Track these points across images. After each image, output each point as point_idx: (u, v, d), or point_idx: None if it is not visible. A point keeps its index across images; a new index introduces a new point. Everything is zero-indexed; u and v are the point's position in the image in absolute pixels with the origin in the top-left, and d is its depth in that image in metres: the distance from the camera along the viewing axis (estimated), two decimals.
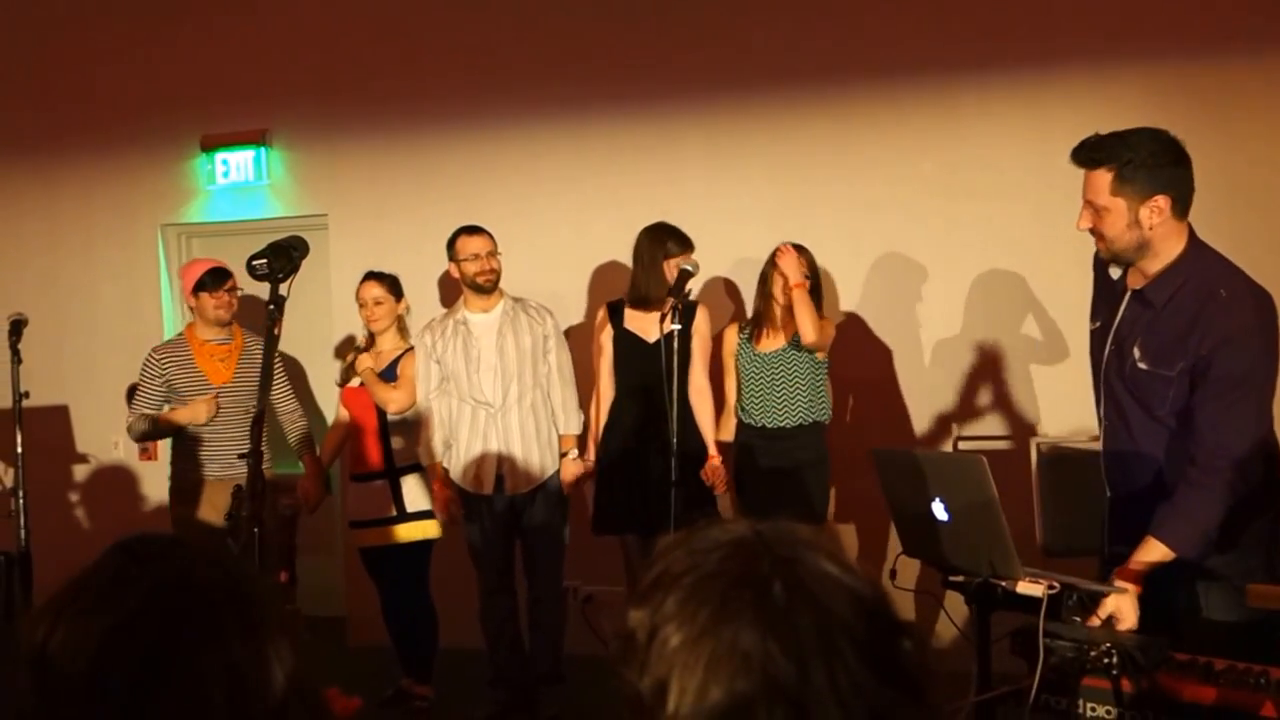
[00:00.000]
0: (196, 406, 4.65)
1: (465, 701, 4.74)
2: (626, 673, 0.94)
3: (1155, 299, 2.65)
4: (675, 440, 3.70)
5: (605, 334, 4.66)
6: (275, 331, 3.21)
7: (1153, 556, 2.51)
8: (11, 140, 6.43)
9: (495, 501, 4.57)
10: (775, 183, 5.33)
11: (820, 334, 4.40)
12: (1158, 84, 4.77)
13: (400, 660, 4.87)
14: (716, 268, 5.27)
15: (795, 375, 4.50)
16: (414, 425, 4.72)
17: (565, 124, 5.60)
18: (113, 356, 6.06)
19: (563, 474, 4.62)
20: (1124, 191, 2.59)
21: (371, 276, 4.80)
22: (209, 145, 6.11)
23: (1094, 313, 2.92)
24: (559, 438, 4.64)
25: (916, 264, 5.19)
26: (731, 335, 4.70)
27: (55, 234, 6.43)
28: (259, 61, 6.04)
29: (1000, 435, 5.07)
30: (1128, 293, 2.74)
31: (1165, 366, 2.62)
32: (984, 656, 2.69)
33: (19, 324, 5.14)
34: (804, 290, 4.39)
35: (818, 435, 4.55)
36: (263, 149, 6.04)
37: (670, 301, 3.83)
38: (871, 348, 5.23)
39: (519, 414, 4.55)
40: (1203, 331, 2.55)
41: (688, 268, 3.96)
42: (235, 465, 4.59)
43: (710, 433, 4.56)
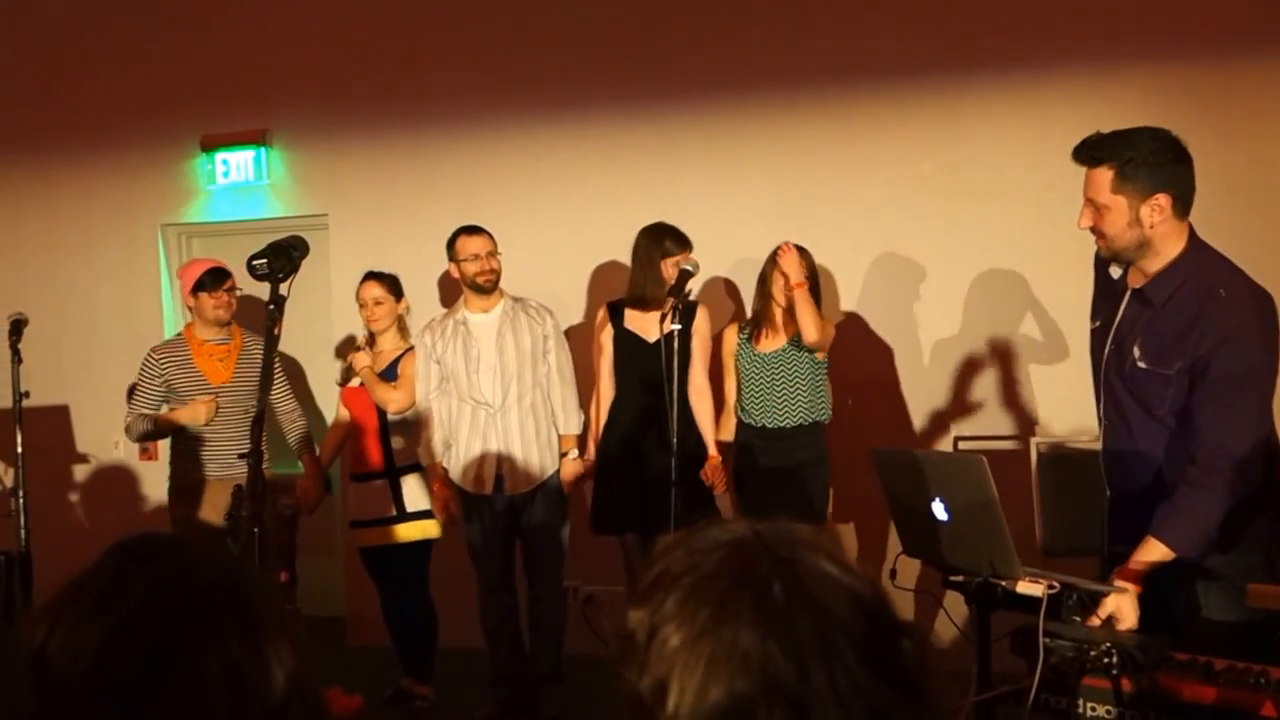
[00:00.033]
0: (196, 407, 4.65)
1: (465, 701, 4.74)
2: (626, 673, 0.94)
3: (1155, 298, 2.65)
4: (675, 440, 3.70)
5: (605, 334, 4.66)
6: (275, 331, 3.21)
7: (1153, 556, 2.51)
8: (11, 140, 6.43)
9: (495, 501, 4.57)
10: (775, 183, 5.33)
11: (822, 334, 4.40)
12: (1158, 84, 4.77)
13: (400, 660, 4.87)
14: (716, 268, 5.27)
15: (795, 375, 4.50)
16: (414, 425, 4.72)
17: (565, 124, 5.60)
18: (113, 356, 6.06)
19: (563, 474, 4.62)
20: (1125, 190, 2.59)
21: (371, 276, 4.80)
22: (209, 145, 6.11)
23: (1094, 312, 2.92)
24: (559, 437, 4.64)
25: (916, 264, 5.19)
26: (731, 335, 4.69)
27: (55, 234, 6.43)
28: (259, 61, 6.04)
29: (1000, 435, 5.07)
30: (1128, 292, 2.74)
31: (1164, 365, 2.61)
32: (984, 656, 2.69)
33: (19, 324, 5.14)
34: (805, 290, 4.39)
35: (818, 435, 4.55)
36: (263, 149, 6.04)
37: (670, 301, 3.82)
38: (871, 347, 5.23)
39: (518, 414, 4.55)
40: (1202, 331, 2.55)
41: (688, 268, 3.94)
42: (235, 465, 4.59)
43: (710, 433, 4.57)
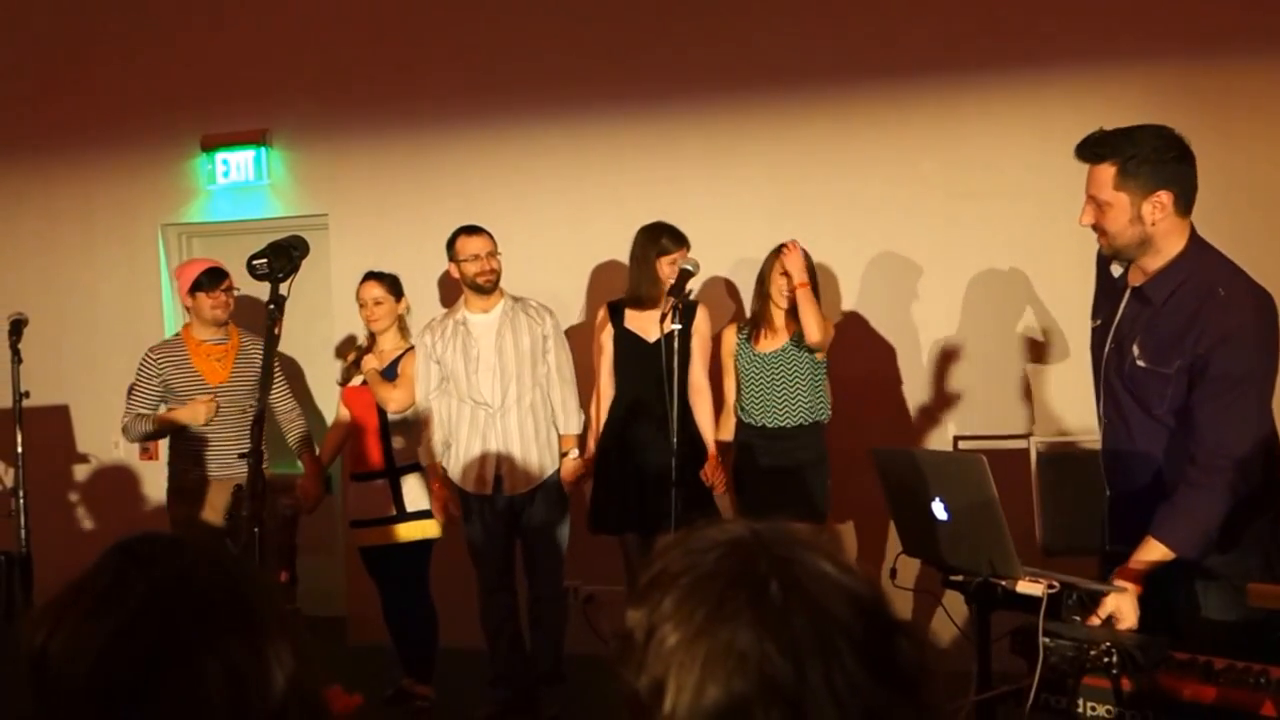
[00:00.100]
0: (196, 407, 4.64)
1: (466, 701, 4.74)
2: (624, 673, 0.94)
3: (1155, 296, 2.65)
4: (675, 440, 3.69)
5: (606, 333, 4.66)
6: (275, 331, 3.21)
7: (1153, 556, 2.51)
8: (12, 140, 6.43)
9: (495, 501, 4.57)
10: (775, 182, 5.33)
11: (824, 334, 4.41)
12: (1158, 84, 4.77)
13: (401, 660, 4.87)
14: (716, 268, 5.27)
15: (795, 375, 4.50)
16: (414, 425, 4.72)
17: (565, 124, 5.60)
18: (113, 356, 6.05)
19: (563, 473, 4.62)
20: (1127, 187, 2.59)
21: (371, 276, 4.80)
22: (209, 145, 6.11)
23: (1095, 310, 2.91)
24: (559, 437, 4.64)
25: (916, 263, 5.19)
26: (730, 335, 4.69)
27: (55, 233, 6.43)
28: (259, 61, 6.04)
29: (1000, 434, 5.06)
30: (1128, 290, 2.74)
31: (1163, 364, 2.61)
32: (984, 656, 2.69)
33: (19, 324, 5.14)
34: (809, 289, 4.39)
35: (818, 435, 4.55)
36: (263, 149, 6.04)
37: (670, 301, 3.80)
38: (871, 347, 5.23)
39: (518, 414, 4.55)
40: (1201, 330, 2.54)
41: (688, 267, 3.91)
42: (234, 465, 4.59)
43: (710, 432, 4.57)
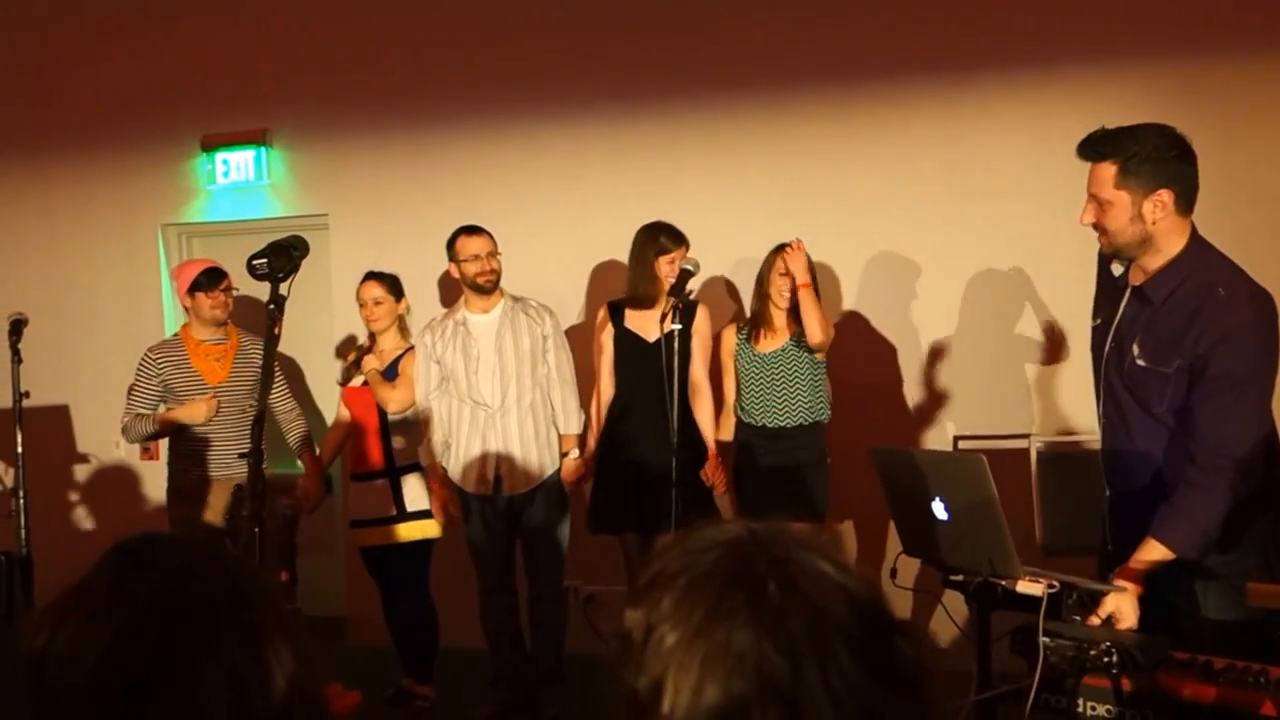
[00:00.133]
0: (197, 405, 4.64)
1: (466, 701, 4.74)
2: (623, 673, 0.94)
3: (1155, 296, 2.65)
4: (675, 439, 3.69)
5: (606, 333, 4.66)
6: (276, 331, 3.21)
7: (1153, 556, 2.51)
8: (11, 140, 6.43)
9: (495, 501, 4.57)
10: (775, 182, 5.33)
11: (826, 334, 4.41)
12: (1157, 83, 4.77)
13: (401, 660, 4.87)
14: (716, 268, 5.27)
15: (796, 375, 4.50)
16: (415, 425, 4.72)
17: (565, 124, 5.60)
18: (113, 356, 6.06)
19: (563, 473, 4.62)
20: (1128, 185, 2.59)
21: (372, 276, 4.80)
22: (209, 145, 6.11)
23: (1095, 310, 2.91)
24: (559, 437, 4.64)
25: (916, 263, 5.19)
26: (730, 336, 4.69)
27: (55, 233, 6.43)
28: (259, 61, 6.05)
29: (1000, 434, 5.06)
30: (1128, 289, 2.74)
31: (1163, 364, 2.61)
32: (984, 655, 2.69)
33: (19, 324, 5.14)
34: (811, 290, 4.40)
35: (818, 435, 4.55)
36: (263, 149, 6.04)
37: (671, 301, 3.80)
38: (872, 347, 5.23)
39: (517, 414, 4.55)
40: (1200, 329, 2.54)
41: (688, 267, 3.90)
42: (233, 465, 4.59)
43: (710, 432, 4.57)
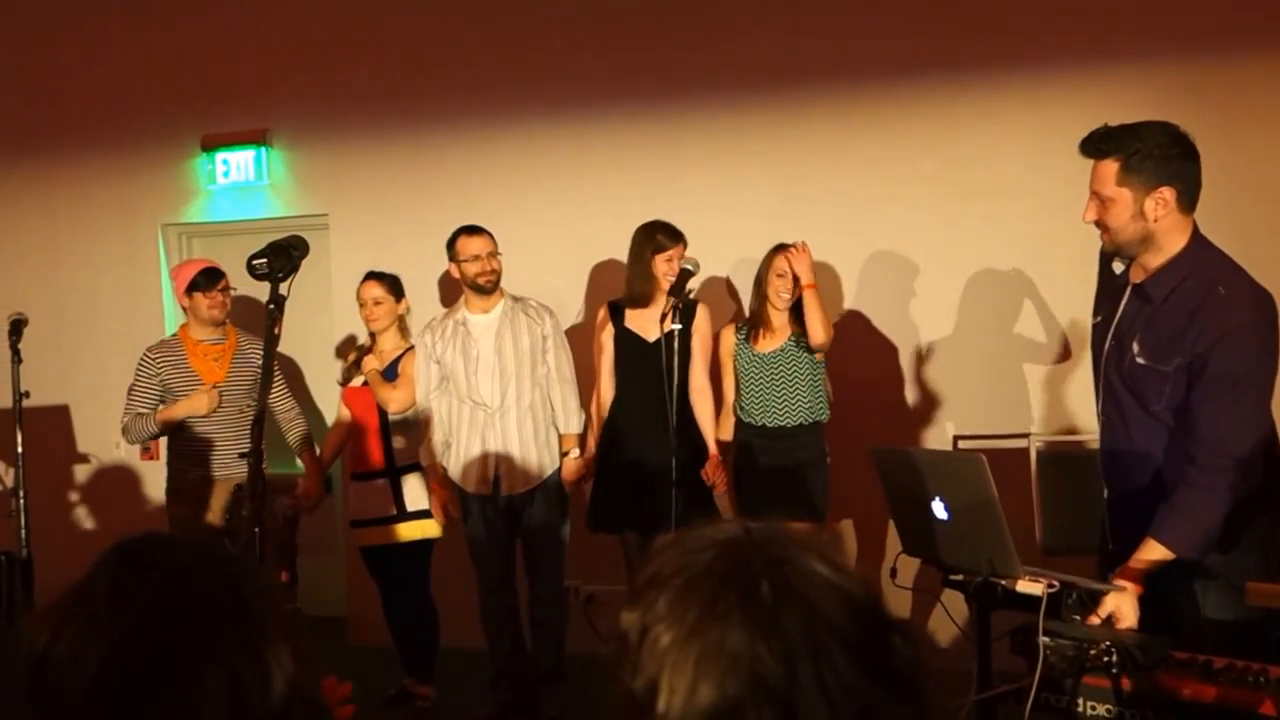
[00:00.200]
0: (198, 398, 4.64)
1: (467, 701, 4.75)
2: (620, 674, 0.94)
3: (1155, 294, 2.64)
4: (675, 439, 3.69)
5: (606, 333, 4.65)
6: (275, 331, 3.20)
7: (1153, 556, 2.51)
8: (12, 140, 6.43)
9: (495, 501, 4.57)
10: (775, 181, 5.33)
11: (828, 335, 4.42)
12: (1157, 83, 4.76)
13: (402, 660, 4.88)
14: (717, 268, 5.27)
15: (795, 375, 4.50)
16: (415, 425, 4.72)
17: (565, 124, 5.60)
18: (113, 356, 6.06)
19: (564, 473, 4.62)
20: (1130, 182, 2.59)
21: (372, 276, 4.80)
22: (209, 145, 6.11)
23: (1096, 307, 2.91)
24: (560, 437, 4.64)
25: (916, 263, 5.19)
26: (729, 336, 4.69)
27: (56, 233, 6.44)
28: (259, 61, 6.05)
29: (999, 434, 5.06)
30: (1129, 287, 2.74)
31: (1162, 362, 2.61)
32: (984, 655, 2.69)
33: (19, 323, 5.14)
34: (815, 291, 4.40)
35: (817, 434, 4.55)
36: (263, 149, 6.04)
37: (671, 300, 3.79)
38: (871, 346, 5.23)
39: (517, 415, 4.55)
40: (1200, 328, 2.54)
41: (688, 267, 3.90)
42: (232, 465, 4.60)
43: (710, 432, 4.56)
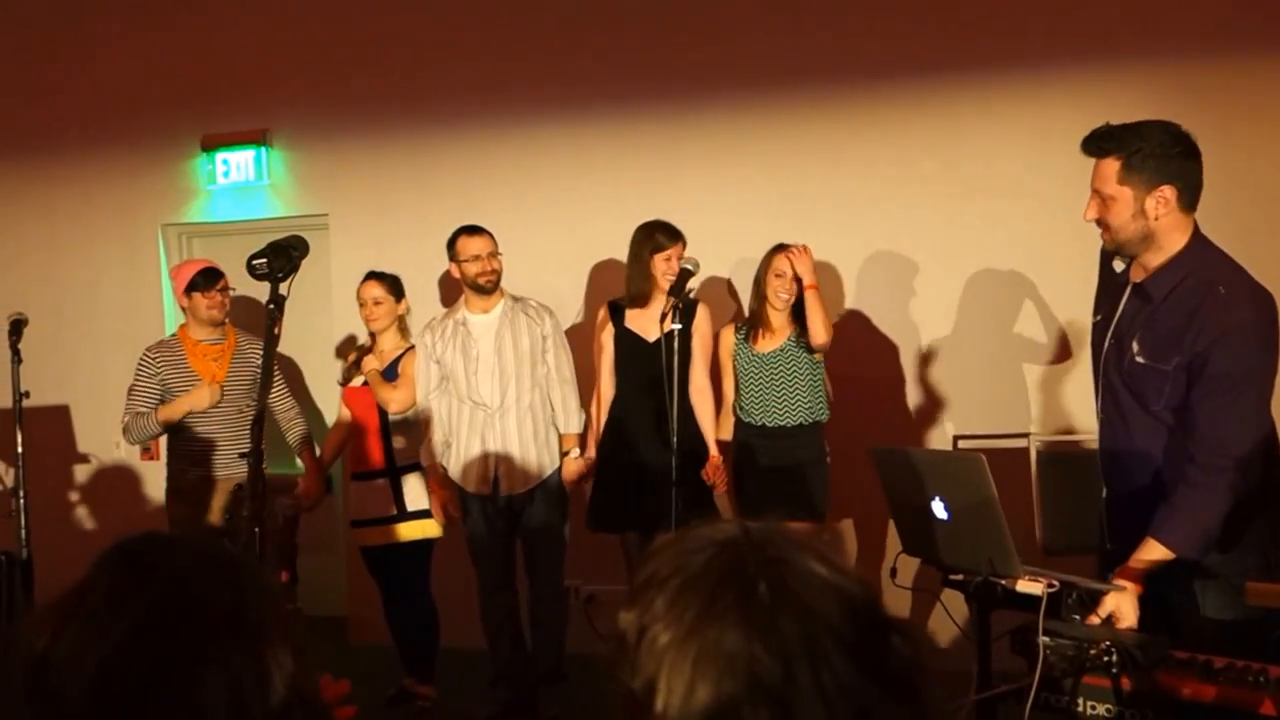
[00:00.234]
0: (198, 392, 4.64)
1: (467, 701, 4.75)
2: (619, 674, 0.94)
3: (1155, 293, 2.64)
4: (675, 439, 3.69)
5: (606, 333, 4.65)
6: (275, 331, 3.20)
7: (1153, 556, 2.51)
8: (12, 140, 6.43)
9: (495, 500, 4.57)
10: (775, 181, 5.33)
11: (829, 335, 4.42)
12: (1157, 83, 4.77)
13: (402, 660, 4.88)
14: (717, 267, 5.27)
15: (795, 375, 4.50)
16: (415, 425, 4.72)
17: (565, 124, 5.60)
18: (113, 356, 6.06)
19: (565, 473, 4.62)
20: (1131, 180, 2.59)
21: (373, 276, 4.80)
22: (209, 145, 6.11)
23: (1096, 306, 2.91)
24: (560, 437, 4.64)
25: (916, 262, 5.19)
26: (728, 336, 4.69)
27: (55, 233, 6.44)
28: (259, 61, 6.05)
29: (999, 434, 5.06)
30: (1129, 286, 2.74)
31: (1162, 361, 2.61)
32: (984, 655, 2.69)
33: (19, 323, 5.13)
34: (817, 292, 4.40)
35: (817, 434, 4.55)
36: (263, 149, 6.04)
37: (671, 300, 3.78)
38: (871, 346, 5.23)
39: (516, 415, 4.55)
40: (1199, 327, 2.54)
41: (688, 266, 3.88)
42: (232, 465, 4.60)
43: (711, 432, 4.55)
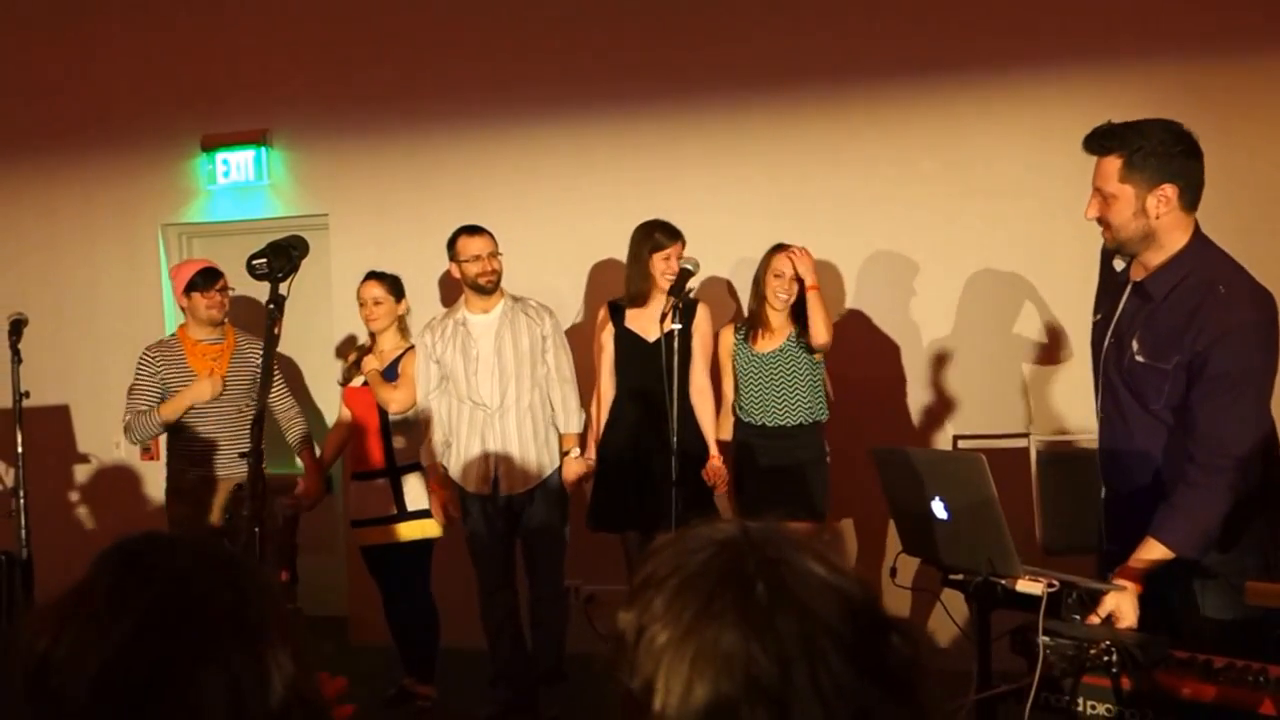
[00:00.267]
0: (200, 385, 4.64)
1: (467, 701, 4.75)
2: (618, 674, 0.94)
3: (1155, 292, 2.64)
4: (675, 439, 3.69)
5: (606, 333, 4.65)
6: (275, 331, 3.20)
7: (1153, 555, 2.51)
8: (12, 140, 6.43)
9: (495, 500, 4.57)
10: (775, 181, 5.33)
11: (830, 336, 4.43)
12: (1157, 83, 4.77)
13: (402, 659, 4.88)
14: (717, 267, 5.27)
15: (794, 374, 4.50)
16: (416, 425, 4.72)
17: (565, 124, 5.60)
18: (113, 356, 6.06)
19: (565, 472, 4.61)
20: (1132, 179, 2.59)
21: (373, 276, 4.80)
22: (209, 145, 6.11)
23: (1096, 305, 2.91)
24: (560, 436, 4.64)
25: (916, 262, 5.19)
26: (727, 336, 4.69)
27: (56, 233, 6.43)
28: (259, 61, 6.05)
29: (999, 434, 5.06)
30: (1129, 285, 2.74)
31: (1162, 360, 2.61)
32: (984, 655, 2.69)
33: (19, 323, 5.13)
34: (818, 292, 4.41)
35: (817, 434, 4.55)
36: (263, 149, 6.04)
37: (671, 300, 3.77)
38: (871, 346, 5.23)
39: (516, 415, 4.55)
40: (1199, 327, 2.54)
41: (688, 266, 3.86)
42: (231, 465, 4.60)
43: (711, 432, 4.55)
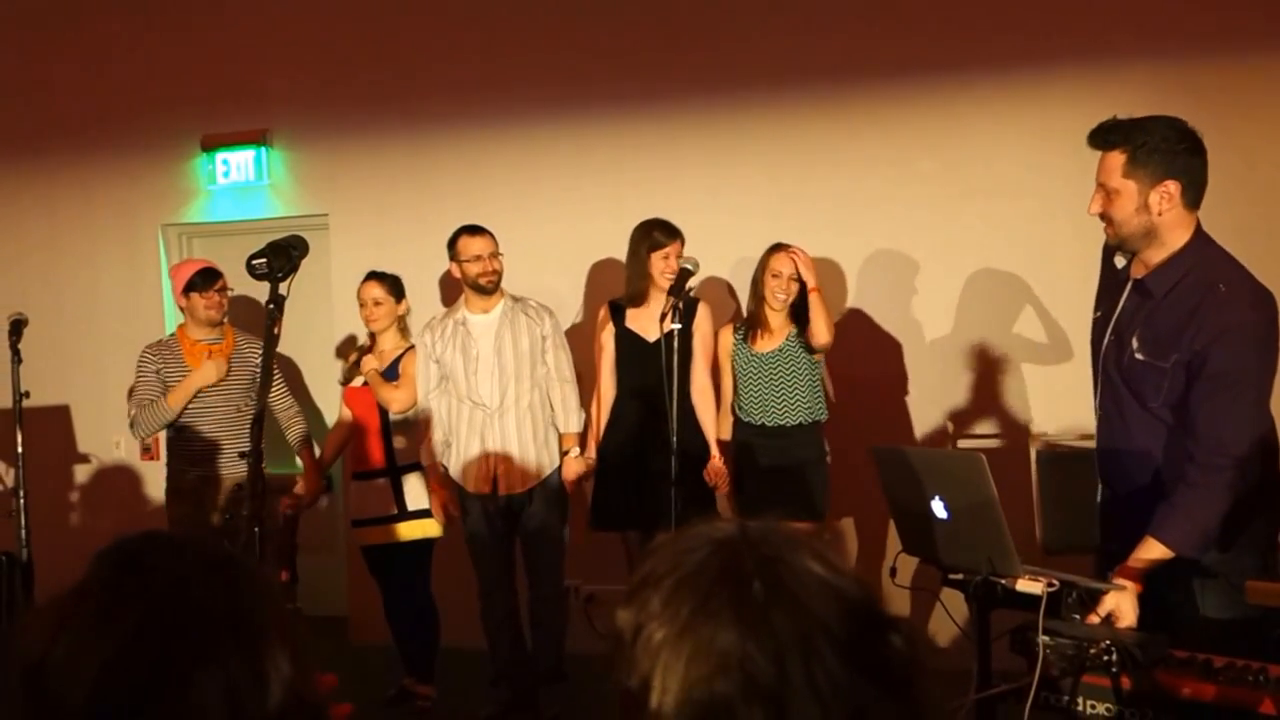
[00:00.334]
0: (205, 368, 4.63)
1: (467, 701, 4.75)
2: (617, 673, 0.94)
3: (1155, 289, 2.64)
4: (675, 439, 3.69)
5: (606, 332, 4.65)
6: (275, 331, 3.20)
7: (1152, 555, 2.51)
8: (12, 140, 6.43)
9: (494, 500, 4.57)
10: (775, 181, 5.33)
11: (831, 336, 4.43)
12: (1157, 83, 4.76)
13: (402, 659, 4.87)
14: (716, 267, 5.27)
15: (794, 374, 4.50)
16: (416, 424, 4.72)
17: (565, 124, 5.60)
18: (113, 356, 6.06)
19: (565, 472, 4.61)
20: (1136, 174, 2.59)
21: (373, 276, 4.79)
22: (209, 145, 6.11)
23: (1097, 302, 2.91)
24: (560, 436, 4.64)
25: (916, 262, 5.19)
26: (726, 336, 4.69)
27: (56, 234, 6.44)
28: (259, 61, 6.05)
29: (999, 433, 5.06)
30: (1130, 282, 2.74)
31: (1161, 358, 2.61)
32: (984, 654, 2.69)
33: (19, 323, 5.14)
34: (820, 293, 4.41)
35: (816, 433, 4.55)
36: (263, 149, 6.05)
37: (671, 300, 3.76)
38: (871, 346, 5.23)
39: (516, 415, 4.55)
40: (1199, 325, 2.54)
41: (688, 266, 3.86)
42: (231, 464, 4.60)
43: (712, 432, 4.55)
